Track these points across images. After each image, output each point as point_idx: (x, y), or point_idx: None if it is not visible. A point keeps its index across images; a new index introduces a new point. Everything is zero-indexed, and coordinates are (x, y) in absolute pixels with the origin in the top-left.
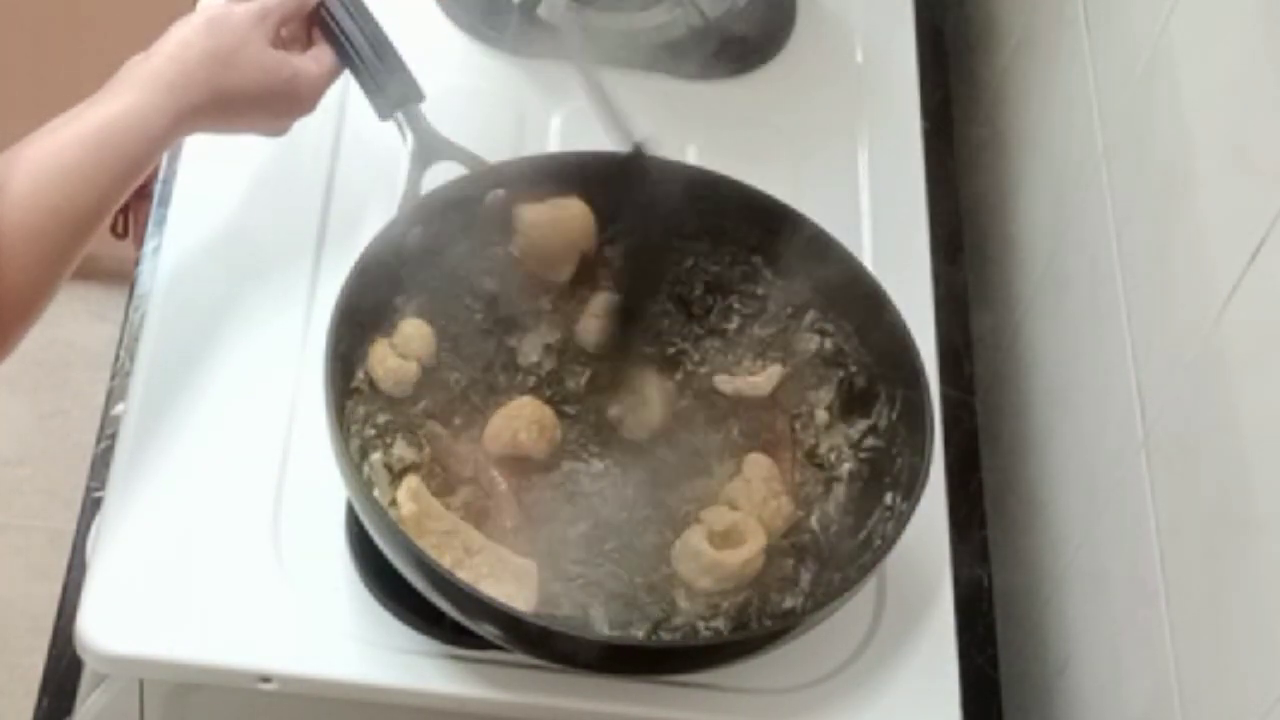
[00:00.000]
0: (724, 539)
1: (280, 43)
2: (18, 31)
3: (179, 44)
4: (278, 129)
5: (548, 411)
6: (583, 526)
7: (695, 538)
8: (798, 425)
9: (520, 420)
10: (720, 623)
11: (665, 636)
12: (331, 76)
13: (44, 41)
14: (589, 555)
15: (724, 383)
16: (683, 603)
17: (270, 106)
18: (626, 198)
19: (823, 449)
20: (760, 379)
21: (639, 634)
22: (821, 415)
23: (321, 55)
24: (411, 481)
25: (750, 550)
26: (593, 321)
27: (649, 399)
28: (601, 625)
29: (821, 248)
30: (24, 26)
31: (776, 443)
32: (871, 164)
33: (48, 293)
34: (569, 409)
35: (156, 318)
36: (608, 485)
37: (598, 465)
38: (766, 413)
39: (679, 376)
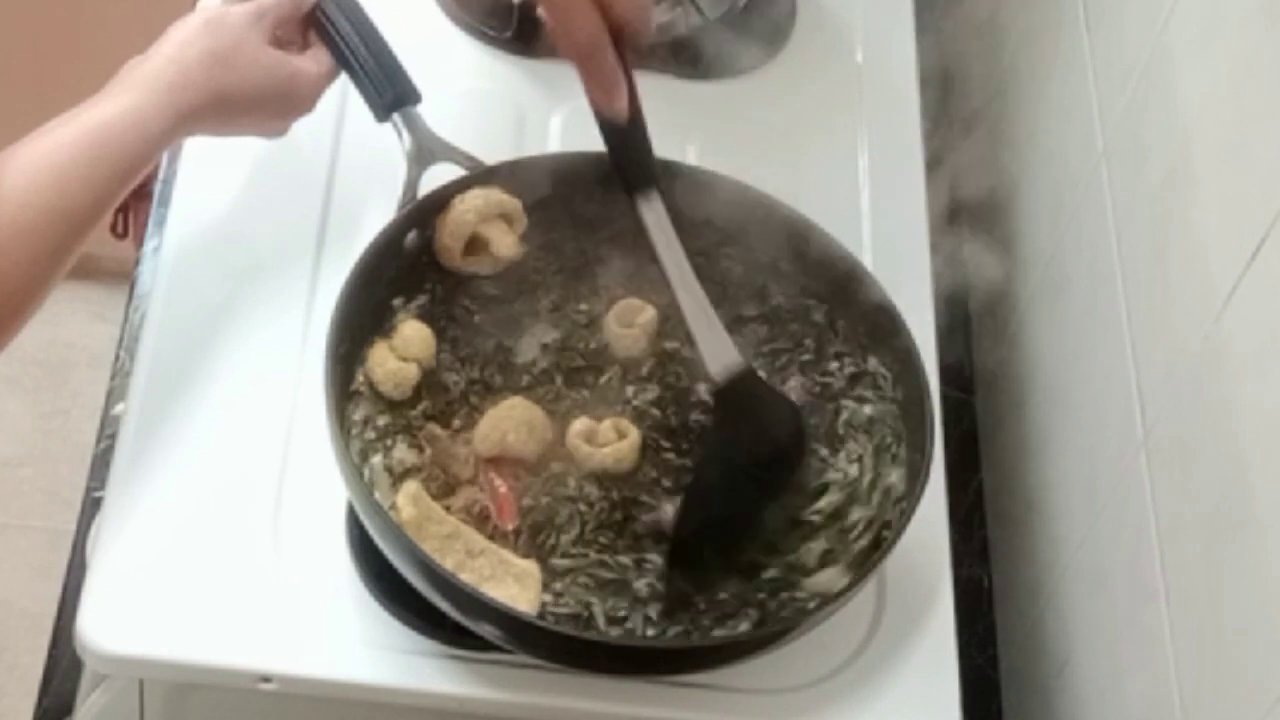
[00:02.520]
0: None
1: (276, 44)
2: (18, 32)
3: (177, 45)
4: (277, 129)
5: (538, 412)
6: (576, 524)
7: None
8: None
9: (509, 421)
10: (708, 622)
11: (665, 634)
12: (330, 76)
13: (44, 42)
14: (582, 548)
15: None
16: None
17: (269, 106)
18: (730, 422)
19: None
20: None
21: (639, 631)
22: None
23: (320, 55)
24: (411, 486)
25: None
26: (613, 329)
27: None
28: (603, 624)
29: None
30: (24, 27)
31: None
32: (871, 164)
33: (42, 291)
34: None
35: (156, 318)
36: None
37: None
38: None
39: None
